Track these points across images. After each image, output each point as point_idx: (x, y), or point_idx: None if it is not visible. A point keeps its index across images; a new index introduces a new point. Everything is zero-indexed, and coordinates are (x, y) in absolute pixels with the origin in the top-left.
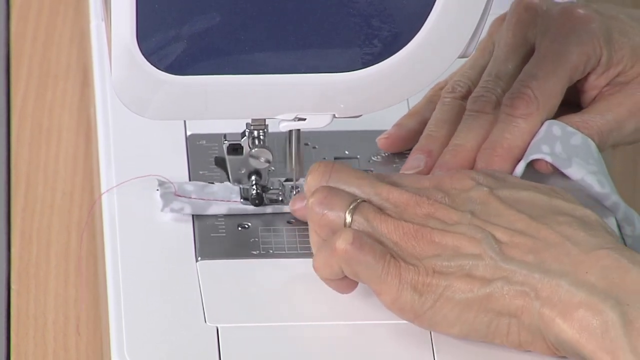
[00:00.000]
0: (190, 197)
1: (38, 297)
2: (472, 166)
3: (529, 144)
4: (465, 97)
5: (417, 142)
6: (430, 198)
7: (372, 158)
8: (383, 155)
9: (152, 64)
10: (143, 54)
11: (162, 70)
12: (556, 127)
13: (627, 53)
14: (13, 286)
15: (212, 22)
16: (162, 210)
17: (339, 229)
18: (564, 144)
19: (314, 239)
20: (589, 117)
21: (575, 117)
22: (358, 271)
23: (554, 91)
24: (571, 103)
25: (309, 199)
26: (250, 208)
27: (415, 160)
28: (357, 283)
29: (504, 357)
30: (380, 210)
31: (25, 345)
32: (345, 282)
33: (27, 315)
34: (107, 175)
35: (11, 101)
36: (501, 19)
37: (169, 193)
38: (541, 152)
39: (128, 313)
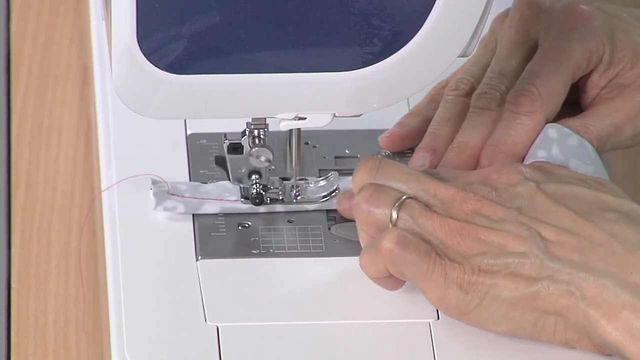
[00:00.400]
0: (183, 196)
1: (38, 296)
2: (476, 164)
3: (533, 141)
4: (468, 94)
5: (419, 140)
6: (476, 193)
7: None
8: (384, 154)
9: (152, 63)
10: (143, 53)
11: (162, 70)
12: (552, 130)
13: (628, 53)
14: (13, 285)
15: (212, 21)
16: (154, 208)
17: (385, 226)
18: (560, 146)
19: (361, 236)
20: (589, 121)
21: (576, 121)
22: (404, 270)
23: (557, 88)
24: (572, 102)
25: (356, 196)
26: (243, 207)
27: (419, 158)
28: (404, 281)
29: (506, 356)
30: (427, 207)
31: (25, 345)
32: (392, 280)
33: (28, 315)
34: (108, 175)
35: (11, 101)
36: (503, 15)
37: (162, 192)
38: (537, 157)
39: (128, 312)
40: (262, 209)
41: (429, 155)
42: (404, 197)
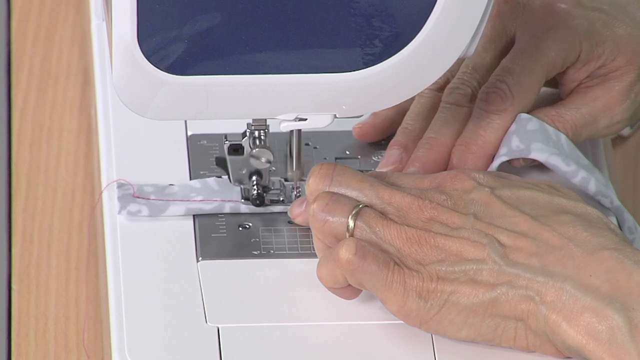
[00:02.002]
0: (149, 199)
1: (39, 297)
2: (446, 160)
3: (502, 139)
4: (441, 88)
5: (393, 130)
6: (432, 201)
7: (373, 158)
8: (384, 155)
9: (152, 64)
10: (144, 54)
11: (162, 71)
12: (512, 125)
13: (608, 46)
14: (14, 286)
15: (213, 22)
16: (119, 212)
17: (342, 235)
18: (520, 135)
19: (317, 245)
20: (565, 110)
21: (551, 111)
22: (362, 280)
23: (529, 87)
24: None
25: (311, 205)
26: (208, 207)
27: (391, 156)
28: (361, 290)
29: (506, 357)
30: (383, 215)
31: (26, 346)
32: (349, 290)
33: (28, 316)
34: (108, 176)
35: (12, 101)
36: None
37: (128, 195)
38: (500, 156)
39: (129, 313)
40: (227, 208)
41: (401, 152)
42: (360, 206)
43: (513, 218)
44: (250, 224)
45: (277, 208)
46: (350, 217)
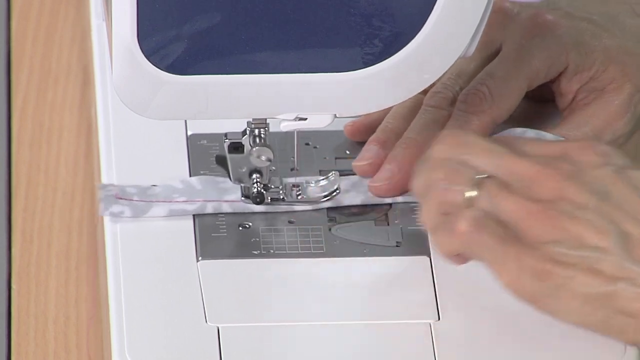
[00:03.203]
0: (131, 200)
1: (39, 296)
2: None
3: None
4: (425, 91)
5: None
6: (558, 172)
7: None
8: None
9: (152, 63)
10: (144, 54)
11: (162, 70)
12: (505, 132)
13: (598, 57)
14: (14, 286)
15: (212, 22)
16: (101, 214)
17: (461, 205)
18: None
19: (429, 213)
20: (566, 131)
21: (553, 132)
22: (477, 252)
23: (510, 92)
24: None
25: (433, 173)
26: (189, 208)
27: (368, 151)
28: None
29: (507, 357)
30: (506, 185)
31: (25, 345)
32: (460, 257)
33: (28, 315)
34: (108, 176)
35: (12, 101)
36: None
37: (110, 196)
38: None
39: (129, 313)
40: (209, 209)
41: (378, 148)
42: (483, 176)
43: (638, 208)
44: (251, 224)
45: (259, 208)
46: (471, 186)
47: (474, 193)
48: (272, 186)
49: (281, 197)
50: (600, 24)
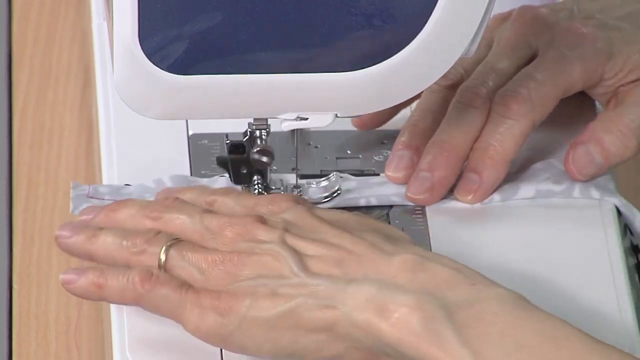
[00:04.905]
0: (103, 199)
1: (40, 297)
2: (458, 163)
3: (520, 146)
4: (454, 86)
5: (390, 117)
6: (242, 220)
7: (375, 158)
8: (385, 155)
9: (154, 63)
10: (145, 54)
11: (163, 70)
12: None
13: (633, 60)
14: (15, 286)
15: (213, 22)
16: (72, 212)
17: (154, 266)
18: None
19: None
20: (628, 110)
21: (614, 112)
22: (158, 304)
23: (549, 96)
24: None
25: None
26: None
27: (402, 159)
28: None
29: None
30: (193, 246)
31: (27, 345)
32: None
33: (29, 315)
34: (109, 176)
35: (13, 101)
36: (503, 17)
37: (81, 195)
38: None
39: (130, 313)
40: None
41: (411, 154)
42: (175, 239)
43: (321, 229)
44: None
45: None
46: (162, 250)
47: (164, 256)
48: (273, 187)
49: None
50: (630, 31)
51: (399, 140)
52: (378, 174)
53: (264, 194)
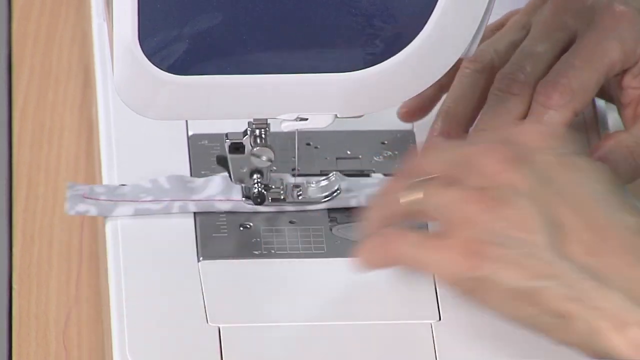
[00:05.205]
0: (98, 199)
1: (39, 297)
2: None
3: None
4: (486, 69)
5: (434, 103)
6: (499, 152)
7: (375, 158)
8: (385, 155)
9: (153, 64)
10: (145, 54)
11: (163, 70)
12: None
13: None
14: (15, 286)
15: (214, 22)
16: (67, 212)
17: (401, 213)
18: None
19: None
20: None
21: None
22: (408, 256)
23: (589, 83)
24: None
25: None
26: (156, 207)
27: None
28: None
29: (508, 356)
30: (444, 184)
31: (26, 346)
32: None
33: (29, 315)
34: (109, 176)
35: (13, 101)
36: (541, 0)
37: (78, 195)
38: None
39: (130, 313)
40: (175, 209)
41: (446, 140)
42: (422, 179)
43: (578, 197)
44: (251, 224)
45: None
46: (409, 191)
47: (410, 197)
48: (273, 186)
49: (282, 197)
50: None
51: (434, 127)
52: (378, 174)
53: (264, 193)
